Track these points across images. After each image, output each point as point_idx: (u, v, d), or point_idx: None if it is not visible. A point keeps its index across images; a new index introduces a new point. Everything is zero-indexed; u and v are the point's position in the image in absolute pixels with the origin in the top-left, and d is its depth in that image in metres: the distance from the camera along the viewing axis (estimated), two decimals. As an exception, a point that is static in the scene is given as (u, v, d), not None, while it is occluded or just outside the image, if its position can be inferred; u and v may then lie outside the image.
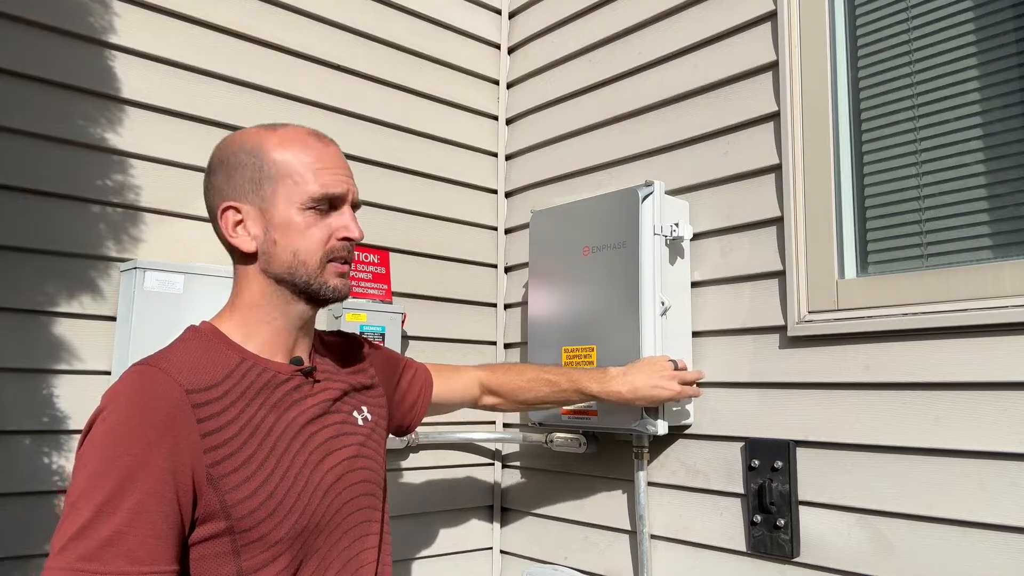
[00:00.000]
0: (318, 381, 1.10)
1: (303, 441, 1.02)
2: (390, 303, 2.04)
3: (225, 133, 1.77)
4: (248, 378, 1.00)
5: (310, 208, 1.02)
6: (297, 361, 1.08)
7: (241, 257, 1.05)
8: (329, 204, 1.05)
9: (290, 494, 0.97)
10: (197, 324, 1.05)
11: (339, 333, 1.30)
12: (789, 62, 1.65)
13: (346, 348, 1.26)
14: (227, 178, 1.04)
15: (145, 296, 1.55)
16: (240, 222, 1.03)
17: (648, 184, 1.75)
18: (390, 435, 1.33)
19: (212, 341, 1.01)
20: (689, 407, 1.75)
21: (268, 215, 1.02)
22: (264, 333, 1.05)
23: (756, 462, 1.60)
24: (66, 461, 1.54)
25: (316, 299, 1.06)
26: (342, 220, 1.06)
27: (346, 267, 1.08)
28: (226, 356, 1.00)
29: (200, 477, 0.90)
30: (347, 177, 1.07)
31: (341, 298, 1.08)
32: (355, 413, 1.15)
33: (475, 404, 1.58)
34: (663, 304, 1.71)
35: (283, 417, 1.01)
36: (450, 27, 2.31)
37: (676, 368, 1.62)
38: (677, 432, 1.78)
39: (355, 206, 1.09)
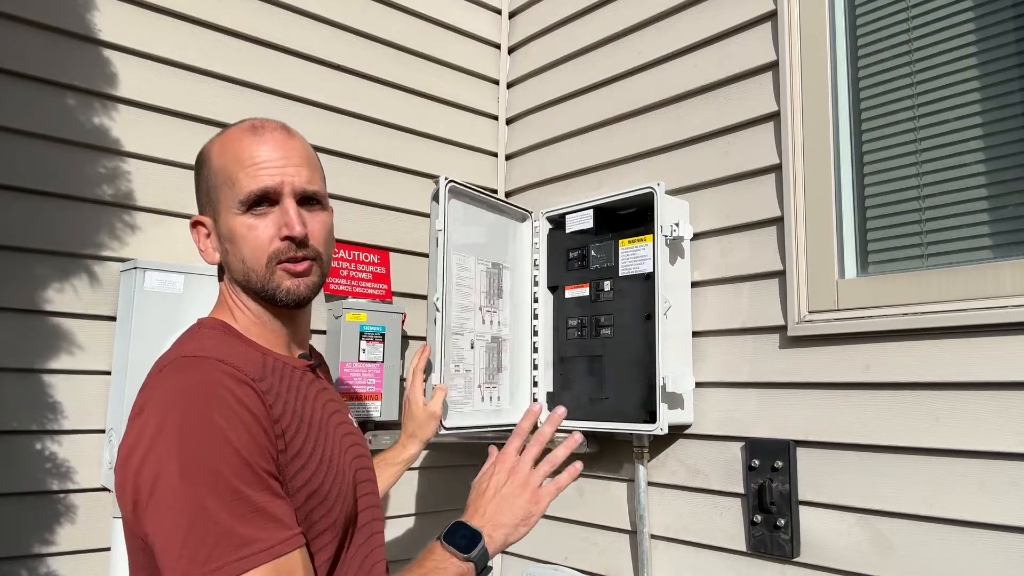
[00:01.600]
0: (320, 378, 1.10)
1: (329, 433, 1.01)
2: (390, 303, 2.04)
3: (225, 133, 1.81)
4: (278, 371, 0.97)
5: (246, 211, 0.97)
6: (306, 357, 1.08)
7: (217, 267, 1.05)
8: (267, 202, 0.98)
9: (335, 484, 0.96)
10: (206, 320, 1.03)
11: None
12: (789, 62, 1.65)
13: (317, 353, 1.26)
14: (196, 192, 1.05)
15: (145, 296, 1.55)
16: (208, 235, 1.03)
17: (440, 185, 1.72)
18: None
19: (230, 337, 0.99)
20: (689, 407, 1.75)
21: (220, 225, 1.00)
22: (263, 332, 1.03)
23: (756, 462, 1.60)
24: (66, 453, 1.54)
25: (275, 303, 1.01)
26: (284, 217, 0.97)
27: (300, 266, 0.99)
28: (250, 351, 0.98)
29: (276, 462, 0.88)
30: (279, 167, 0.98)
31: (294, 300, 1.00)
32: (350, 415, 1.16)
33: None
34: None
35: (316, 409, 1.00)
36: (450, 27, 2.31)
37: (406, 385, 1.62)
38: (677, 432, 1.78)
39: (307, 197, 1.00)
